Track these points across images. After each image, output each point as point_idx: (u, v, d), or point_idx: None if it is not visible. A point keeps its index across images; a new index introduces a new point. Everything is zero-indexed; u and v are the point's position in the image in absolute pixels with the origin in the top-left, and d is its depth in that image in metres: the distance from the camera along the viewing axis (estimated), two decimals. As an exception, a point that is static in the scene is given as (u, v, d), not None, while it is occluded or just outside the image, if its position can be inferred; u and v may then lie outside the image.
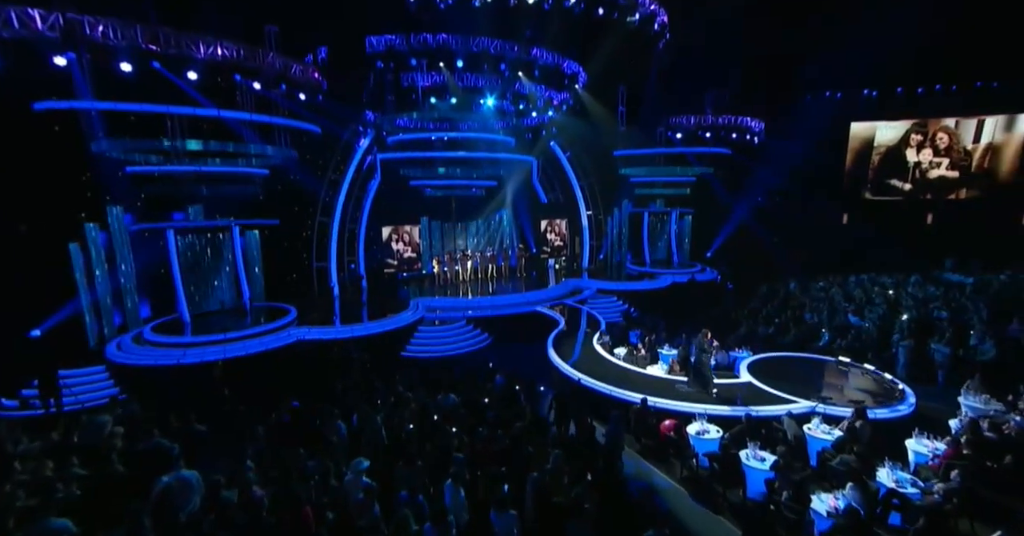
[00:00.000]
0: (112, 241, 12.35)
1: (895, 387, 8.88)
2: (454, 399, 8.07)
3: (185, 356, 11.02)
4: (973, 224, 21.00)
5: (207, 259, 14.00)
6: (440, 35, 14.82)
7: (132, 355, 11.16)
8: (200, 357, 11.01)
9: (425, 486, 5.63)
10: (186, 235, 13.60)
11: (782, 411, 8.12)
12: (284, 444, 7.38)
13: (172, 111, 10.96)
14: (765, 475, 6.42)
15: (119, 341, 11.84)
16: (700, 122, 19.09)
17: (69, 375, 10.33)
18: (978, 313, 12.46)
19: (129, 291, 12.78)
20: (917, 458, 6.70)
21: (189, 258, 13.74)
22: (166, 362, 10.86)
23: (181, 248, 13.38)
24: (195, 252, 13.77)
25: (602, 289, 19.15)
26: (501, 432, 6.89)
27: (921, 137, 21.13)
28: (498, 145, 19.64)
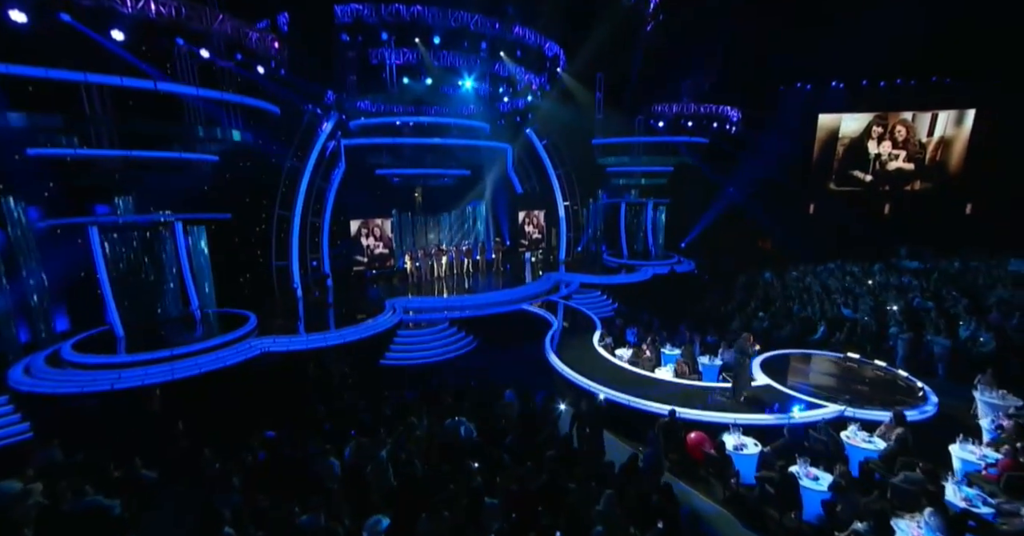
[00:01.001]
0: (12, 241, 10.14)
1: (914, 385, 8.71)
2: (466, 424, 7.00)
3: (120, 380, 9.20)
4: (925, 214, 22.15)
5: (144, 261, 11.91)
6: (415, 7, 13.28)
7: (47, 381, 9.12)
8: (141, 380, 9.23)
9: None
10: (115, 233, 11.44)
11: (814, 417, 7.68)
12: (264, 491, 6.07)
13: (92, 80, 8.93)
14: (821, 496, 5.91)
15: (27, 363, 9.72)
16: (683, 110, 18.65)
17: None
18: (961, 302, 12.81)
19: (38, 301, 10.62)
20: (964, 466, 6.39)
21: (120, 260, 11.61)
22: (95, 388, 8.98)
23: (110, 248, 11.28)
24: (128, 253, 11.65)
25: (585, 283, 18.48)
26: (530, 464, 5.94)
27: (881, 129, 21.90)
28: (472, 131, 18.39)
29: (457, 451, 6.38)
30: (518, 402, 7.97)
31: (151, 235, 12.02)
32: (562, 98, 20.58)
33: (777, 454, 6.70)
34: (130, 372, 9.35)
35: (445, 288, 17.17)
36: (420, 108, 17.33)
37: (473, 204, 21.39)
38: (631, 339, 12.79)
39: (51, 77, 8.43)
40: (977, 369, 9.50)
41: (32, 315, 10.76)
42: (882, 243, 21.86)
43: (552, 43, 16.30)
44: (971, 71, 20.63)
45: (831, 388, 8.74)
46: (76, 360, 9.85)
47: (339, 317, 13.26)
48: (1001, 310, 12.00)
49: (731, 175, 22.02)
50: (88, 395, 8.90)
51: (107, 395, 8.92)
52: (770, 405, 8.04)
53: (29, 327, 10.75)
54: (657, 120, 19.39)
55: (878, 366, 9.65)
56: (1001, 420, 7.22)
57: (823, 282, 17.47)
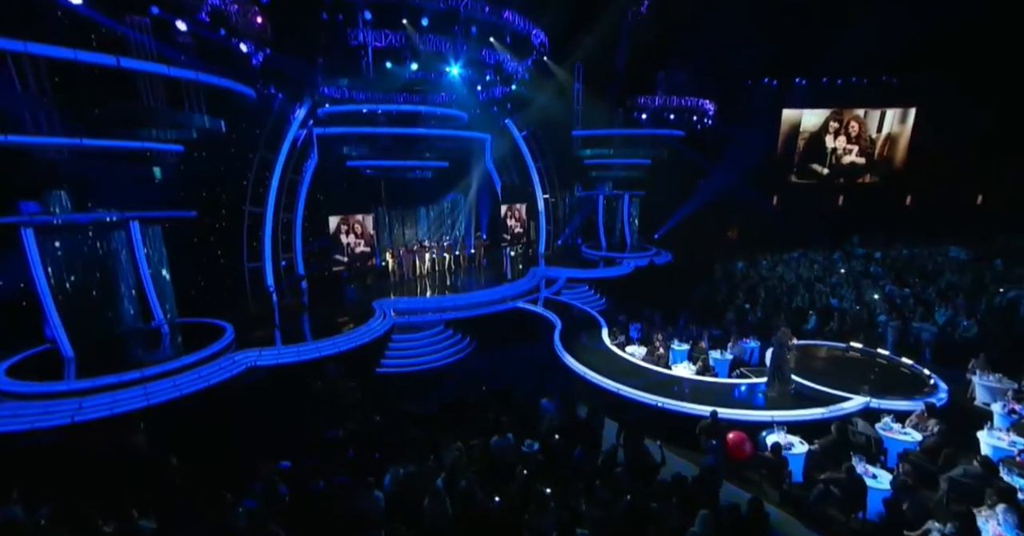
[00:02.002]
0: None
1: (920, 373, 9.15)
2: (513, 440, 6.46)
3: (82, 410, 7.83)
4: (874, 205, 23.86)
5: (93, 268, 10.24)
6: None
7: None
8: (109, 409, 7.89)
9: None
10: (54, 235, 9.72)
11: (841, 410, 7.85)
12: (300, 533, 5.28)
13: (33, 51, 7.33)
14: (880, 494, 5.96)
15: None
16: (667, 103, 18.72)
17: None
18: (931, 289, 13.78)
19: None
20: (996, 453, 6.70)
21: (63, 267, 9.88)
22: (50, 423, 7.58)
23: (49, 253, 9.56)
24: (72, 257, 9.95)
25: (572, 278, 18.29)
26: (599, 483, 5.54)
27: (837, 125, 23.24)
28: (449, 120, 17.47)
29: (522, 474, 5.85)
30: (558, 412, 7.54)
31: (100, 237, 10.35)
32: (543, 88, 20.05)
33: (825, 452, 6.74)
34: (93, 399, 7.98)
35: (431, 287, 16.34)
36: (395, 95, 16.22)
37: (451, 197, 20.55)
38: (634, 335, 12.73)
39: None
40: (960, 354, 10.24)
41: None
42: (837, 233, 23.35)
43: (539, 30, 15.68)
44: (912, 72, 22.29)
45: (846, 379, 8.99)
46: (16, 389, 8.28)
47: (327, 323, 12.15)
48: (967, 296, 13.01)
49: (705, 167, 22.56)
50: (42, 431, 7.49)
51: (67, 430, 7.56)
52: (800, 399, 8.13)
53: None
54: (640, 112, 19.36)
55: (881, 355, 10.10)
56: (1012, 404, 7.68)
57: (796, 272, 18.33)
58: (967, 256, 18.76)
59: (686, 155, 21.98)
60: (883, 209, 23.72)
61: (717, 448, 6.35)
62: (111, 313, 10.47)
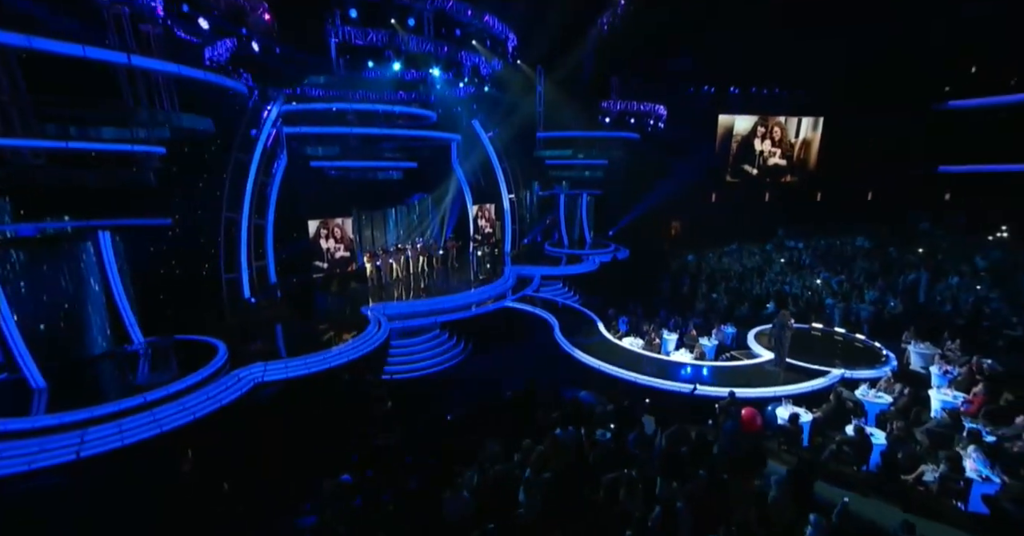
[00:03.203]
0: None
1: (873, 347, 10.89)
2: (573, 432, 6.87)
3: (84, 444, 7.02)
4: (794, 202, 27.14)
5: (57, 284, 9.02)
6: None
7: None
8: (120, 439, 7.15)
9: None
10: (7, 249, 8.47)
11: (825, 383, 9.20)
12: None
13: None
14: (877, 448, 7.19)
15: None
16: (627, 107, 19.93)
17: None
18: (868, 274, 16.15)
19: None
20: (944, 405, 8.29)
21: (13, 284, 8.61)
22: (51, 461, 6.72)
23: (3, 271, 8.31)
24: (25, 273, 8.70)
25: (546, 275, 18.94)
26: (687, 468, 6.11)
27: (764, 129, 26.06)
28: (417, 119, 17.30)
29: (586, 464, 6.29)
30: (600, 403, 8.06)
31: (60, 249, 9.12)
32: (508, 90, 20.40)
33: (827, 418, 7.93)
34: (97, 431, 7.17)
35: (414, 290, 16.11)
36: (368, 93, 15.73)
37: (419, 197, 20.30)
38: (623, 327, 13.62)
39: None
40: (891, 328, 12.27)
41: None
42: (765, 227, 26.27)
43: (513, 34, 16.04)
44: (817, 84, 25.63)
45: (819, 355, 10.44)
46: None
47: (323, 333, 11.68)
48: (885, 279, 15.50)
49: (657, 167, 24.29)
50: (41, 472, 6.63)
51: (71, 468, 6.75)
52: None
53: None
54: (604, 116, 20.41)
55: (837, 333, 11.83)
56: (944, 366, 9.48)
57: (741, 263, 20.46)
58: (870, 245, 22.08)
59: (639, 156, 23.50)
60: (801, 205, 27.07)
61: (733, 423, 7.20)
62: (79, 336, 9.27)
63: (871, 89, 23.69)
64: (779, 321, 9.61)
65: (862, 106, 24.30)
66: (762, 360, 10.40)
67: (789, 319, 9.67)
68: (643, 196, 25.50)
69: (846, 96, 24.70)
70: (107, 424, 7.26)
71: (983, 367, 8.91)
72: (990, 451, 6.50)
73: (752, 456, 6.55)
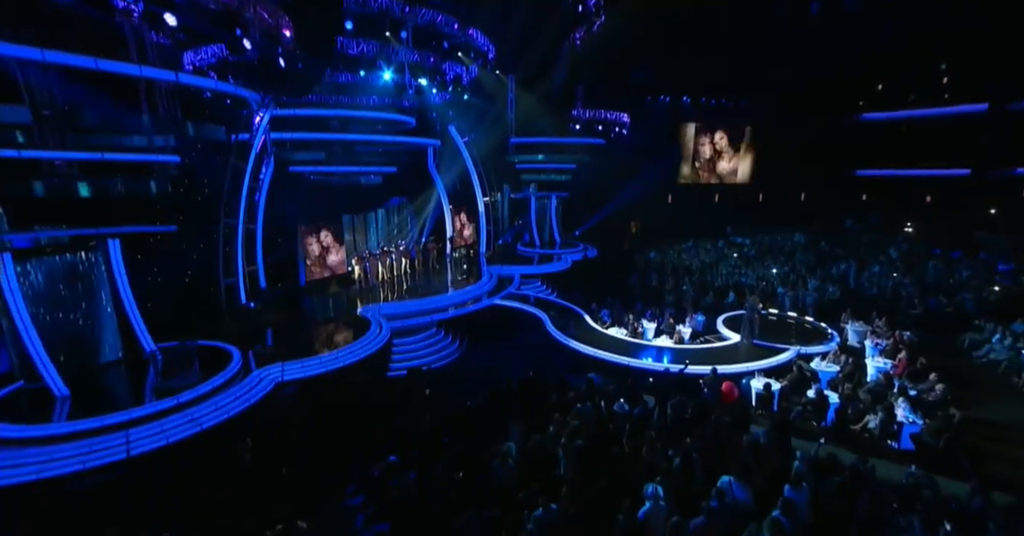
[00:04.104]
0: None
1: (819, 327, 12.80)
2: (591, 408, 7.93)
3: (131, 443, 7.24)
4: (740, 202, 29.90)
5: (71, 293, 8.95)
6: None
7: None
8: (165, 438, 7.42)
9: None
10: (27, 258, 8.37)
11: (786, 358, 10.88)
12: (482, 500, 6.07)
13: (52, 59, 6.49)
14: (834, 406, 8.81)
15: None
16: (595, 115, 21.38)
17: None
18: (806, 265, 18.44)
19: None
20: (878, 369, 10.13)
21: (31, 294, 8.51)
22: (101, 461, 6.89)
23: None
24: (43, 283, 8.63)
25: (525, 274, 19.97)
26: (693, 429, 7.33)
27: (711, 137, 28.59)
28: (396, 125, 17.84)
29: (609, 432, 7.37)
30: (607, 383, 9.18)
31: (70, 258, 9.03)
32: (483, 98, 21.25)
33: (792, 386, 9.50)
34: (139, 431, 7.38)
35: (405, 291, 16.62)
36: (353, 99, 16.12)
37: (396, 201, 20.70)
38: (605, 318, 14.90)
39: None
40: (831, 310, 14.36)
41: None
42: (715, 225, 28.79)
43: (492, 46, 16.92)
44: (756, 97, 28.47)
45: (777, 335, 12.18)
46: (36, 434, 7.23)
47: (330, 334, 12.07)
48: (823, 270, 17.85)
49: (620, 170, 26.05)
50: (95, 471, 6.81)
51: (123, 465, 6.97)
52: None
53: None
54: (575, 123, 21.76)
55: (789, 316, 13.72)
56: (875, 340, 11.44)
57: (699, 258, 22.51)
58: (805, 240, 24.91)
59: (604, 160, 25.12)
60: (746, 205, 29.89)
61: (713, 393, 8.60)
62: (92, 344, 9.22)
63: (801, 102, 26.63)
64: (749, 305, 11.22)
65: (795, 117, 27.24)
66: (733, 342, 12.00)
67: (758, 303, 11.30)
68: (608, 198, 27.22)
69: (781, 108, 27.59)
70: (149, 424, 7.49)
71: (904, 338, 10.92)
72: (913, 402, 8.24)
73: (740, 419, 7.89)
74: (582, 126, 22.23)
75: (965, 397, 8.74)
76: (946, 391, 8.46)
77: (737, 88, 27.83)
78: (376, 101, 17.10)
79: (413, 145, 19.29)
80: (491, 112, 21.79)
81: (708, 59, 24.50)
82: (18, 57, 6.84)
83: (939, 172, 24.42)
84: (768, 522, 4.99)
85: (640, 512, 5.44)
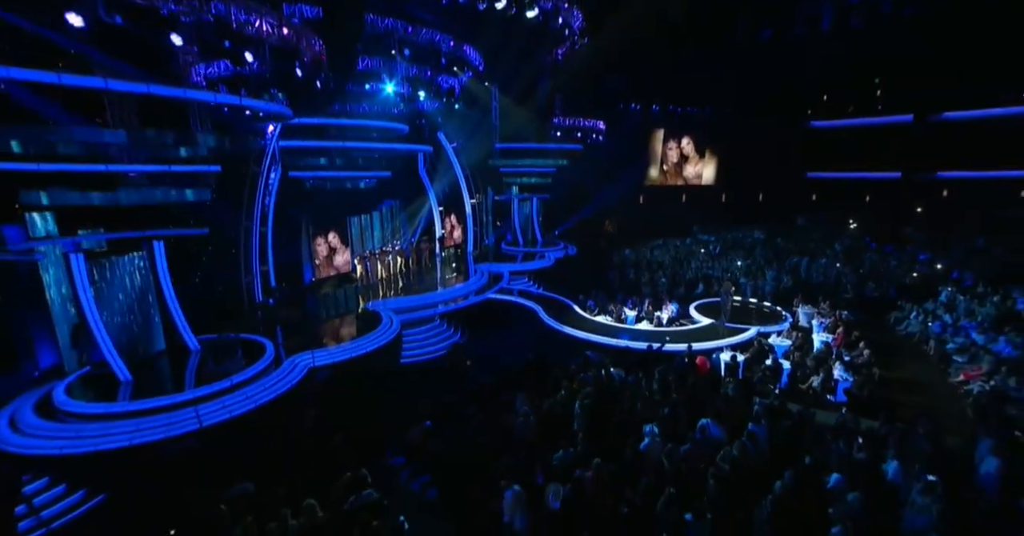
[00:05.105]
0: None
1: (775, 310, 14.89)
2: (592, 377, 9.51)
3: (203, 416, 8.32)
4: (705, 203, 32.43)
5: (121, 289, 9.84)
6: (387, 20, 13.66)
7: (118, 435, 7.58)
8: (229, 411, 8.53)
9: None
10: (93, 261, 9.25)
11: (749, 336, 12.83)
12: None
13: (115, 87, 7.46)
14: (786, 371, 10.74)
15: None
16: (575, 123, 23.13)
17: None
18: (765, 258, 20.72)
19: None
20: (821, 342, 12.18)
21: (98, 290, 9.36)
22: (181, 430, 7.97)
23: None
24: (104, 281, 9.52)
25: (513, 271, 21.46)
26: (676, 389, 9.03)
27: (678, 142, 30.94)
28: (390, 132, 19.00)
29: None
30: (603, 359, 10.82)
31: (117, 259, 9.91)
32: (469, 105, 22.59)
33: (753, 357, 11.39)
34: (206, 406, 8.47)
35: (404, 288, 17.80)
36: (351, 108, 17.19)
37: (388, 204, 21.77)
38: (592, 308, 16.58)
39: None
40: (785, 297, 16.53)
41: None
42: (683, 224, 31.16)
43: (482, 59, 18.32)
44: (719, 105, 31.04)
45: (740, 317, 14.15)
46: (137, 407, 8.27)
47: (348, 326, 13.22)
48: (778, 263, 20.17)
49: (596, 174, 27.93)
50: (179, 438, 7.89)
51: (199, 434, 8.07)
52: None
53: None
54: (556, 130, 23.44)
55: (751, 302, 15.78)
56: (820, 319, 13.57)
57: (670, 254, 24.60)
58: (764, 236, 27.46)
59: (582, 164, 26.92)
60: (711, 205, 32.45)
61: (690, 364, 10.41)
62: (139, 336, 10.13)
63: (759, 111, 29.26)
64: (724, 291, 13.14)
65: (754, 123, 29.85)
66: (703, 324, 13.89)
67: (731, 288, 13.25)
68: (586, 200, 29.08)
69: (741, 116, 30.19)
70: (212, 401, 8.58)
71: (842, 317, 13.07)
72: (846, 365, 10.25)
73: (712, 381, 9.67)
74: (562, 132, 23.91)
75: (886, 361, 10.83)
76: (871, 356, 10.52)
77: (702, 98, 30.32)
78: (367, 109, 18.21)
79: (407, 151, 20.45)
80: (477, 119, 23.16)
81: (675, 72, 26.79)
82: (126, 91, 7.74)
83: (875, 175, 27.54)
84: (737, 445, 6.69)
85: (641, 446, 7.04)
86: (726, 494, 5.82)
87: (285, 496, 6.80)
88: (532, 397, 9.03)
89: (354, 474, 7.19)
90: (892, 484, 6.17)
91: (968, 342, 11.01)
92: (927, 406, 9.03)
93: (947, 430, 7.50)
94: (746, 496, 5.80)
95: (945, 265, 17.32)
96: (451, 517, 7.09)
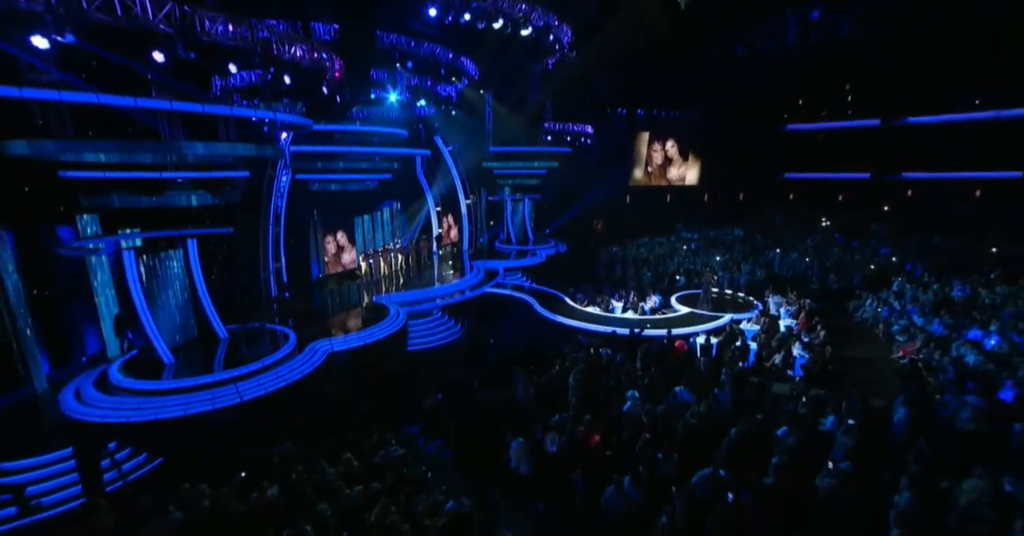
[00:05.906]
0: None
1: (748, 300, 16.38)
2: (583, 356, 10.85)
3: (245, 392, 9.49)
4: (689, 202, 34.03)
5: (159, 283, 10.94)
6: (392, 36, 14.85)
7: (171, 407, 8.72)
8: (263, 388, 9.71)
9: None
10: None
11: (723, 322, 14.28)
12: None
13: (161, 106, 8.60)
14: (753, 351, 12.19)
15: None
16: (565, 128, 24.48)
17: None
18: (743, 254, 22.27)
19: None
20: (786, 327, 13.65)
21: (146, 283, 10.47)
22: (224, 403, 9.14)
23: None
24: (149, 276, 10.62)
25: (507, 267, 22.76)
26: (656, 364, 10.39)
27: (663, 145, 32.49)
28: (391, 137, 20.17)
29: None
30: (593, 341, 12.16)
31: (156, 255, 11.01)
32: (464, 111, 23.81)
33: (726, 340, 12.82)
34: (245, 384, 9.63)
35: (401, 282, 18.98)
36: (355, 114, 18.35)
37: (388, 205, 22.91)
38: (582, 300, 17.92)
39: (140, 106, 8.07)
40: (759, 288, 18.05)
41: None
42: (667, 222, 32.72)
43: (477, 69, 19.56)
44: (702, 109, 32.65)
45: (715, 306, 15.60)
46: (181, 384, 9.48)
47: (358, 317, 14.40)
48: (754, 257, 21.74)
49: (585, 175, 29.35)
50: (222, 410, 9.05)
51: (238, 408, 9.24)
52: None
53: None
54: (546, 135, 24.78)
55: (727, 293, 17.27)
56: (787, 307, 15.07)
57: (654, 251, 26.08)
58: (743, 234, 29.09)
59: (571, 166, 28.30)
60: (693, 204, 34.07)
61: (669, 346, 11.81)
62: (174, 325, 11.23)
63: (739, 115, 30.86)
64: (705, 280, 14.64)
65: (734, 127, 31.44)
66: (682, 313, 15.33)
67: (712, 277, 14.69)
68: (575, 200, 30.48)
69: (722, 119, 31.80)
70: (249, 380, 9.74)
71: (806, 305, 14.58)
72: (804, 345, 11.72)
73: (687, 358, 11.07)
74: (552, 136, 25.25)
75: (840, 341, 12.31)
76: (826, 337, 12.00)
77: (685, 103, 31.88)
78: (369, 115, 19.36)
79: (406, 155, 21.62)
80: (473, 125, 24.40)
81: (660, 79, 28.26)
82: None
83: (846, 175, 29.33)
84: (703, 404, 8.06)
85: (624, 407, 8.37)
86: (692, 439, 7.17)
87: (323, 454, 8.02)
88: (529, 374, 10.33)
89: (380, 436, 8.44)
90: (828, 433, 7.59)
91: (909, 324, 12.55)
92: (869, 378, 10.50)
93: (878, 395, 8.95)
94: (709, 440, 7.16)
95: (899, 258, 19.01)
96: (465, 469, 8.35)
